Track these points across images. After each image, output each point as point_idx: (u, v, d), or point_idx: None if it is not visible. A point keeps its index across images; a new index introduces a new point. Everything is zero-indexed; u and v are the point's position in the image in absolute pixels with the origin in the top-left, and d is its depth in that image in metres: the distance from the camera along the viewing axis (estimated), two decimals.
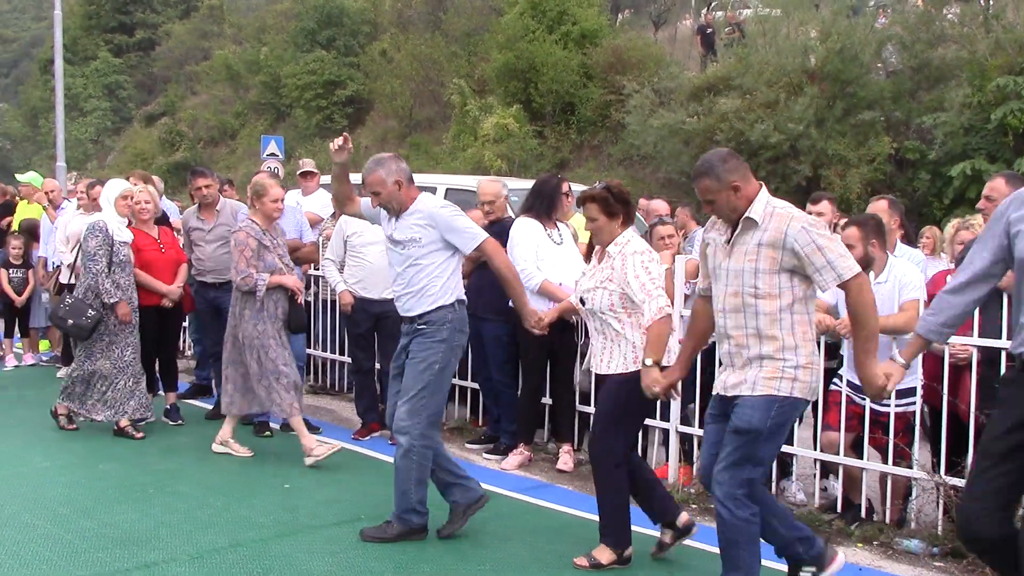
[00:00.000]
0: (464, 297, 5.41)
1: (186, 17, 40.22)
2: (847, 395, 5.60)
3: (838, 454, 5.67)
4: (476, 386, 7.66)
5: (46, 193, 10.49)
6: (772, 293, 4.04)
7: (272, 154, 20.84)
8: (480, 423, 7.73)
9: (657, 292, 4.73)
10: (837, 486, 6.08)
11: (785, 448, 6.05)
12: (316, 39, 29.41)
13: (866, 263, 5.35)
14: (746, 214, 4.06)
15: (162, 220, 8.11)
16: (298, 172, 9.48)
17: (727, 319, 4.17)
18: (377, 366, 7.52)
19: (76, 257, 7.95)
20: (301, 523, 5.39)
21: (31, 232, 9.83)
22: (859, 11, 19.15)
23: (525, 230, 6.74)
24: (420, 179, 9.93)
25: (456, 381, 7.91)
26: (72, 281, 9.18)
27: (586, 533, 5.38)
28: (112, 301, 7.07)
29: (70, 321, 7.08)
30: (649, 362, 4.63)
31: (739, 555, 4.16)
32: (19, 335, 10.18)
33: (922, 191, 16.06)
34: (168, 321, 7.72)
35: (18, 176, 11.18)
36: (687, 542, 5.18)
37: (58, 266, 9.49)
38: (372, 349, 7.39)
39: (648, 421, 6.58)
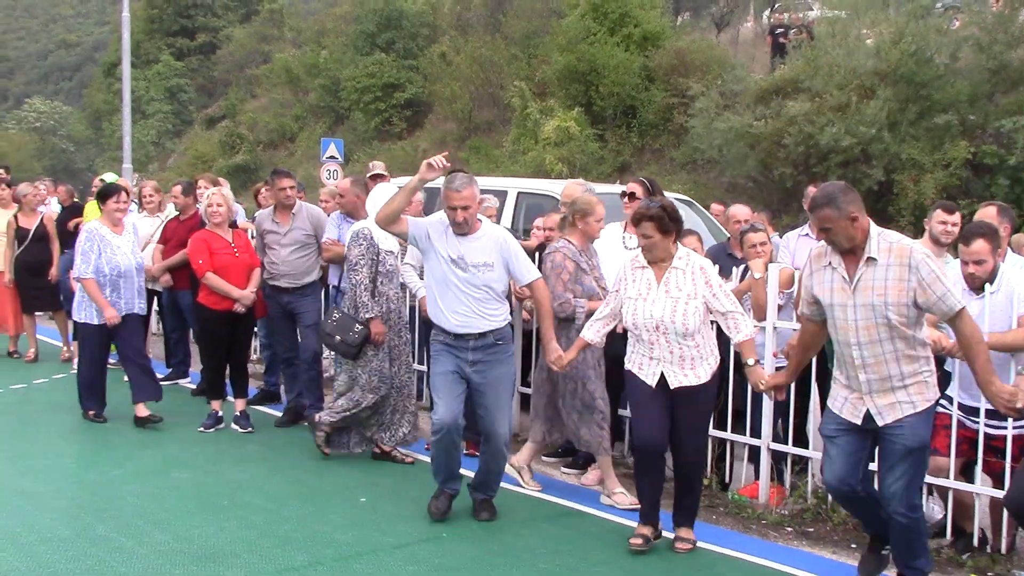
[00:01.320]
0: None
1: (246, 21, 40.58)
2: (958, 418, 5.25)
3: (947, 479, 5.32)
4: None
5: None
6: (904, 320, 4.31)
7: (332, 157, 20.91)
8: None
9: (741, 308, 5.24)
10: (937, 508, 5.74)
11: None
12: (375, 42, 29.37)
13: (993, 276, 5.09)
14: (868, 254, 4.33)
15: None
16: (367, 175, 9.29)
17: (863, 350, 4.39)
18: None
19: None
20: (381, 541, 5.18)
21: None
22: (930, 12, 18.62)
23: (604, 238, 6.55)
24: (490, 182, 9.82)
25: (531, 392, 7.68)
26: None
27: (675, 553, 5.13)
28: (368, 316, 6.47)
29: (337, 337, 6.49)
30: (751, 361, 5.10)
31: (921, 545, 4.60)
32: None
33: (1000, 197, 15.51)
34: (240, 326, 7.56)
35: (107, 179, 11.09)
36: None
37: None
38: None
39: (734, 436, 6.35)
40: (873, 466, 4.68)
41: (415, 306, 7.66)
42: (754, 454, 6.28)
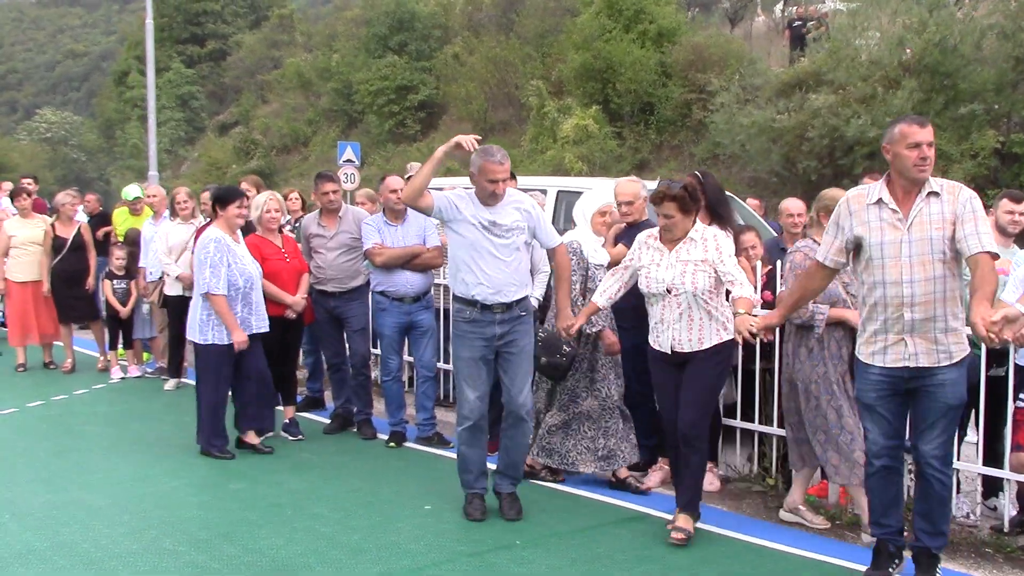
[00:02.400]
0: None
1: (256, 27, 40.55)
2: None
3: None
4: None
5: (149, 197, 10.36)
6: (953, 259, 4.34)
7: (349, 160, 20.87)
8: None
9: (745, 278, 5.20)
10: (1004, 504, 5.61)
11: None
12: (387, 44, 29.34)
13: None
14: (931, 188, 4.33)
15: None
16: (406, 176, 9.16)
17: (914, 288, 4.32)
18: None
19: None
20: (455, 550, 5.06)
21: (135, 242, 9.67)
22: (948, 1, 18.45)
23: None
24: (531, 181, 9.68)
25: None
26: (181, 293, 9.02)
27: (758, 558, 5.00)
28: (593, 331, 5.97)
29: (543, 359, 5.90)
30: (742, 310, 4.95)
31: (948, 509, 4.61)
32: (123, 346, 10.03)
33: None
34: (289, 333, 7.47)
35: (132, 193, 10.93)
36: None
37: (161, 276, 9.33)
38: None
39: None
40: None
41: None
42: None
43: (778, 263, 6.02)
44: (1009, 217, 5.92)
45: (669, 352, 5.22)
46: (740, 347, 5.78)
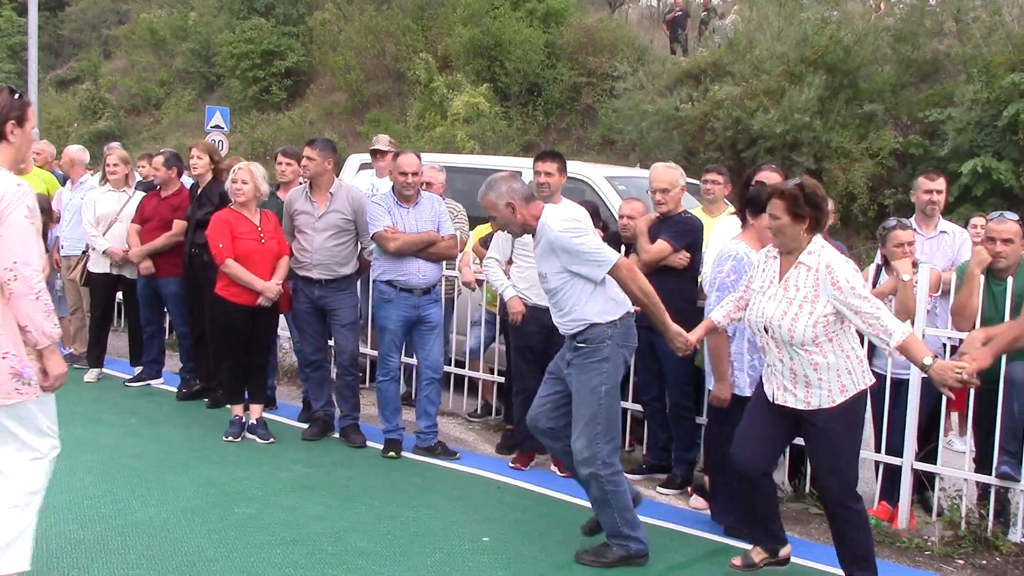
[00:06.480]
0: (631, 307, 4.81)
1: None
2: None
3: None
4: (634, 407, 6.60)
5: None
6: None
7: (217, 126, 19.70)
8: (629, 447, 6.71)
9: (889, 313, 4.25)
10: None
11: None
12: (253, 6, 27.57)
13: None
14: None
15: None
16: (370, 149, 8.25)
17: None
18: None
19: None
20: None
21: (46, 211, 8.31)
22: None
23: (719, 233, 5.86)
24: (504, 163, 8.73)
25: None
26: (107, 271, 7.85)
27: None
28: None
29: None
30: (929, 360, 4.12)
31: None
32: None
33: None
34: (260, 322, 6.51)
35: None
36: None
37: (85, 250, 8.10)
38: (542, 366, 6.19)
39: (865, 454, 5.78)
40: None
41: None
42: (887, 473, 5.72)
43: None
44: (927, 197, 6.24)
45: (772, 402, 4.39)
46: None
